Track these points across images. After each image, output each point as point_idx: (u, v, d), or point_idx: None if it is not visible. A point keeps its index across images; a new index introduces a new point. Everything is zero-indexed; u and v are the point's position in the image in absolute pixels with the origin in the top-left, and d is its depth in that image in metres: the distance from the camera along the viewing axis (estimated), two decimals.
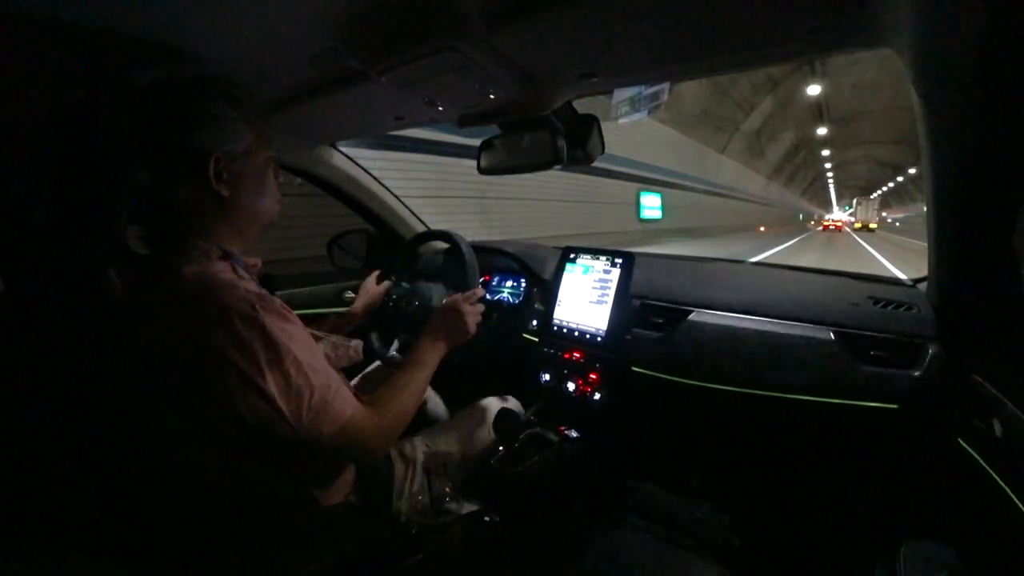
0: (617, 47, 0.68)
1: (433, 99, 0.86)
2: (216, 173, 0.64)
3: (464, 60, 0.68)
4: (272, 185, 0.74)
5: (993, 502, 0.64)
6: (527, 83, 0.79)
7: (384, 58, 0.70)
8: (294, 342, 0.61)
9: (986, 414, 0.69)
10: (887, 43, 0.61)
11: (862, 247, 16.73)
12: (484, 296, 1.02)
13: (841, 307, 1.00)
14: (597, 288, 1.21)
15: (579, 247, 1.31)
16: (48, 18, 0.55)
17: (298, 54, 0.73)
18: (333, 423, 0.63)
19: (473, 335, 0.92)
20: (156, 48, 0.65)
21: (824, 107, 20.97)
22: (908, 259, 11.15)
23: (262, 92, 0.88)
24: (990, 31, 0.45)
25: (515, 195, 7.74)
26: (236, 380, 0.57)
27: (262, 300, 0.61)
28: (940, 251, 0.79)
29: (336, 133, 1.24)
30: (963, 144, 0.61)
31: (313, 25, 0.65)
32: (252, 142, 0.69)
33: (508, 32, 0.64)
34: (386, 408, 0.71)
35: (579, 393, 1.19)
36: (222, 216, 0.67)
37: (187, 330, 0.58)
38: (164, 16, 0.59)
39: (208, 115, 0.65)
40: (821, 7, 0.55)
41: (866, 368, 0.91)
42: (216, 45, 0.68)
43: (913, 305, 0.95)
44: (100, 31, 0.59)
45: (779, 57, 0.71)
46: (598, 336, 1.17)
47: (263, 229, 0.74)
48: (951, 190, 0.68)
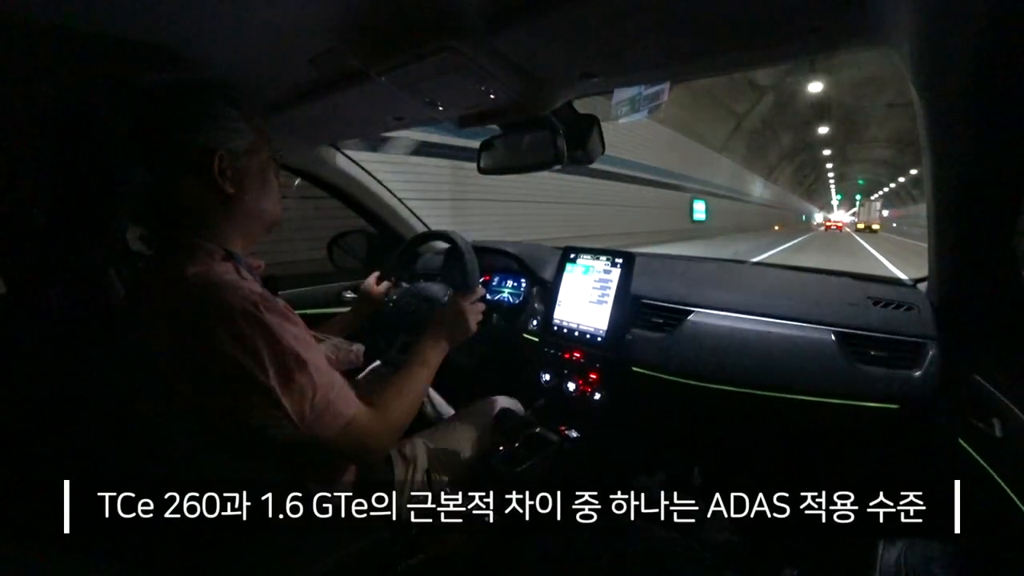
0: (617, 47, 0.68)
1: (433, 99, 0.86)
2: (220, 170, 0.64)
3: (464, 60, 0.68)
4: (275, 185, 0.74)
5: (993, 502, 0.64)
6: (527, 83, 0.79)
7: (384, 58, 0.70)
8: (297, 342, 0.61)
9: (986, 414, 0.69)
10: (887, 43, 0.61)
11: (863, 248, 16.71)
12: (484, 296, 1.02)
13: (841, 307, 1.00)
14: (597, 288, 1.21)
15: (579, 247, 1.31)
16: (49, 21, 0.55)
17: (298, 54, 0.73)
18: (335, 423, 0.63)
19: (474, 335, 0.92)
20: (156, 50, 0.65)
21: (826, 108, 21.64)
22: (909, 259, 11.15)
23: (262, 92, 0.88)
24: (990, 31, 0.45)
25: (603, 201, 10.03)
26: (239, 379, 0.57)
27: (265, 300, 0.61)
28: (940, 251, 0.79)
29: (336, 133, 1.25)
30: (963, 144, 0.61)
31: (313, 25, 0.65)
32: (254, 141, 0.69)
33: (508, 32, 0.64)
34: (387, 408, 0.71)
35: (579, 393, 1.19)
36: (226, 215, 0.67)
37: (190, 330, 0.58)
38: (164, 18, 0.59)
39: (211, 114, 0.65)
40: (821, 7, 0.55)
41: (866, 368, 0.91)
42: (216, 46, 0.68)
43: (913, 305, 0.95)
44: (99, 34, 0.59)
45: (779, 57, 0.71)
46: (598, 336, 1.17)
47: (267, 229, 0.74)
48: (951, 190, 0.68)
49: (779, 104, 17.18)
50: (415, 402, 0.77)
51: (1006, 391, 0.66)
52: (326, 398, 0.62)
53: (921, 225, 1.37)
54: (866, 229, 37.72)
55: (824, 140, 25.28)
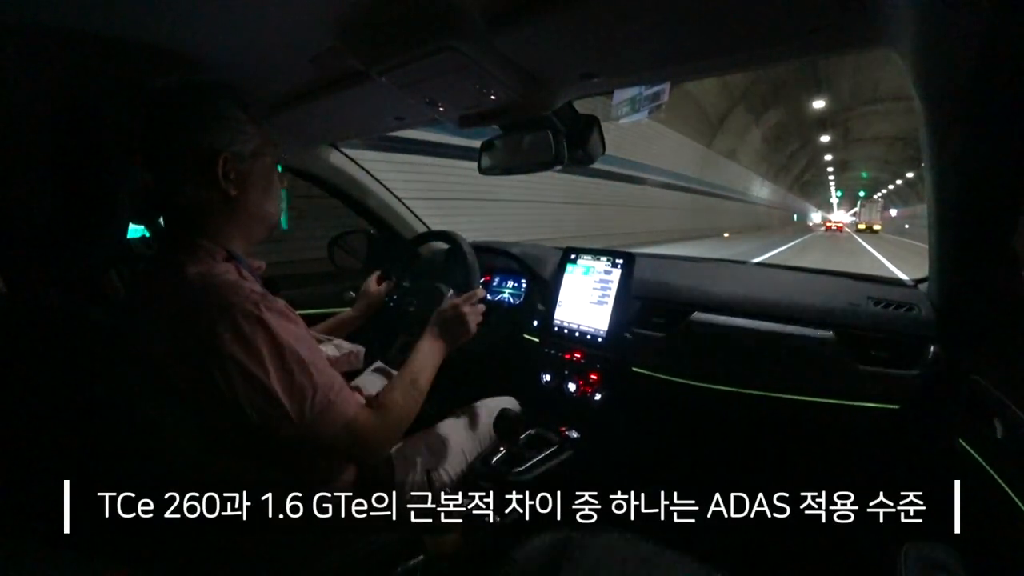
0: (617, 47, 0.68)
1: (434, 99, 0.86)
2: (224, 172, 0.64)
3: (465, 60, 0.68)
4: (278, 188, 0.74)
5: (994, 502, 0.64)
6: (528, 83, 0.79)
7: (385, 58, 0.70)
8: (297, 342, 0.61)
9: (986, 414, 0.69)
10: (888, 43, 0.61)
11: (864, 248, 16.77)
12: (485, 297, 1.02)
13: (842, 307, 1.00)
14: (598, 289, 1.21)
15: (580, 248, 1.31)
16: (52, 23, 0.56)
17: (299, 54, 0.73)
18: (336, 423, 0.63)
19: (474, 335, 0.92)
20: (158, 51, 0.65)
21: (827, 116, 21.83)
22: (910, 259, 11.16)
23: (263, 92, 0.88)
24: (991, 31, 0.45)
25: (662, 205, 12.20)
26: (239, 379, 0.57)
27: (266, 300, 0.61)
28: (941, 251, 0.79)
29: (336, 133, 1.24)
30: (964, 144, 0.61)
31: (314, 25, 0.65)
32: (260, 144, 0.69)
33: (508, 32, 0.64)
34: (388, 408, 0.71)
35: (580, 393, 1.19)
36: (228, 216, 0.67)
37: (191, 329, 0.58)
38: (165, 19, 0.60)
39: (218, 116, 0.65)
40: (821, 7, 0.55)
41: (867, 368, 0.91)
42: (217, 46, 0.68)
43: (914, 305, 0.95)
44: (100, 34, 0.59)
45: (779, 57, 0.71)
46: (599, 336, 1.17)
47: (268, 231, 0.74)
48: (952, 190, 0.68)
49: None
50: (416, 402, 0.77)
51: (1006, 391, 0.66)
52: (326, 398, 0.62)
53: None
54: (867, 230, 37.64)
55: (821, 118, 24.22)
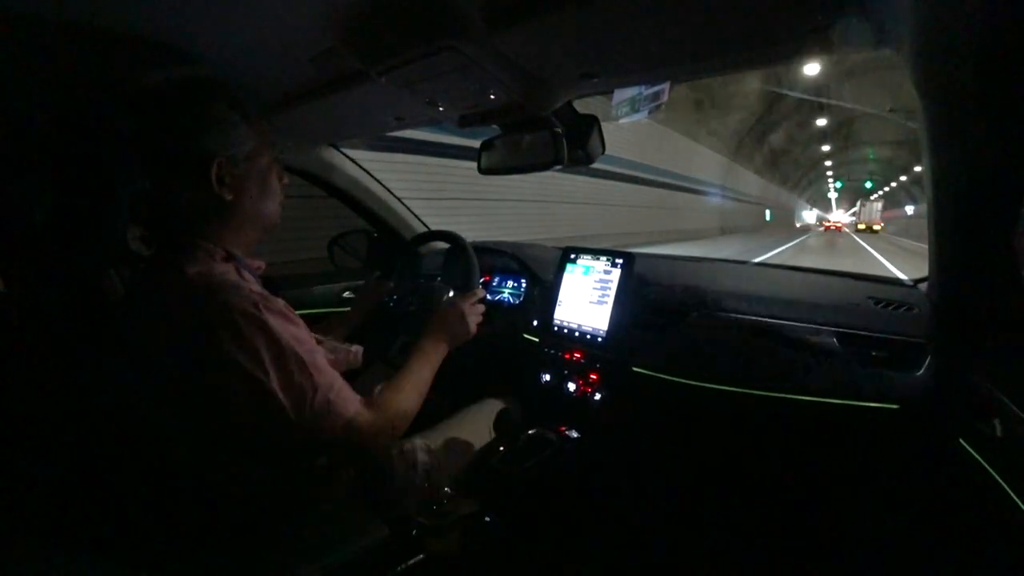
0: (617, 47, 0.68)
1: (434, 99, 0.86)
2: (219, 177, 0.64)
3: (464, 60, 0.68)
4: (275, 188, 0.74)
5: (994, 502, 0.64)
6: (527, 83, 0.79)
7: (384, 58, 0.70)
8: (297, 342, 0.61)
9: (987, 414, 0.69)
10: (888, 43, 0.61)
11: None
12: (485, 297, 1.02)
13: (842, 307, 1.00)
14: (598, 288, 1.21)
15: (579, 247, 1.31)
16: (49, 18, 0.55)
17: (298, 54, 0.73)
18: (335, 423, 0.63)
19: (474, 335, 0.92)
20: (156, 48, 0.65)
21: (826, 121, 21.92)
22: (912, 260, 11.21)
23: (262, 92, 0.88)
24: (991, 31, 0.45)
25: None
26: (239, 379, 0.57)
27: (265, 300, 0.61)
28: (940, 251, 0.79)
29: (336, 133, 1.24)
30: (964, 144, 0.61)
31: (313, 25, 0.65)
32: (255, 146, 0.69)
33: (508, 32, 0.64)
34: (388, 409, 0.71)
35: (579, 393, 1.19)
36: (225, 219, 0.67)
37: (190, 330, 0.58)
38: (164, 16, 0.59)
39: (211, 119, 0.65)
40: (821, 7, 0.55)
41: (867, 369, 0.91)
42: (216, 45, 0.68)
43: (914, 305, 0.95)
44: (99, 31, 0.59)
45: (779, 57, 0.71)
46: (599, 336, 1.17)
47: (266, 232, 0.74)
48: (952, 190, 0.68)
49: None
50: (415, 403, 0.77)
51: (1006, 391, 0.66)
52: (326, 398, 0.62)
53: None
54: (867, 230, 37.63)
55: (825, 154, 25.07)
